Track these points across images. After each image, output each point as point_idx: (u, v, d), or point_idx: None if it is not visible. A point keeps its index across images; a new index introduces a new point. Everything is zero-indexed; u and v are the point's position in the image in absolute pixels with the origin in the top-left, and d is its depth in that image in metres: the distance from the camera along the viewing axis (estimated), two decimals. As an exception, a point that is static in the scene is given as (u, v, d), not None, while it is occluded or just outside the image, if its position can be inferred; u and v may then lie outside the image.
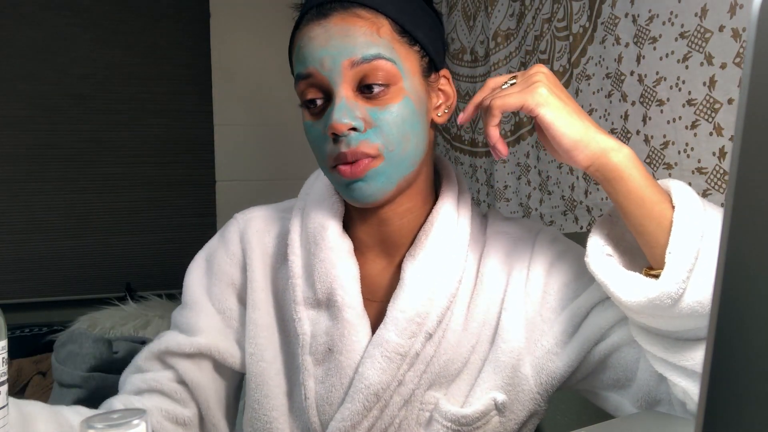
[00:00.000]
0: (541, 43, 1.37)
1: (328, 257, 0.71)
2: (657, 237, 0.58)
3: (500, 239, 0.76)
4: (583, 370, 0.72)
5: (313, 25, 0.67)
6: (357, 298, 0.71)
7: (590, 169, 0.61)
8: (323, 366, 0.71)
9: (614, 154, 0.59)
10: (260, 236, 0.79)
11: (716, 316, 0.27)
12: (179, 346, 0.74)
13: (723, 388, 0.27)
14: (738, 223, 0.27)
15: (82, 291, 2.40)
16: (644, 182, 0.59)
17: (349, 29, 0.65)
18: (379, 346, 0.68)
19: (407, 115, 0.67)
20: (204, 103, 2.49)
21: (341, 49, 0.65)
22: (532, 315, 0.72)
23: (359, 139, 0.65)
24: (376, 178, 0.66)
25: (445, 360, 0.71)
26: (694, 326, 0.59)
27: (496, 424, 0.72)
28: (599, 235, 0.64)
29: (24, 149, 2.33)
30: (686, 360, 0.60)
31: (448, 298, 0.70)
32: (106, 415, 0.43)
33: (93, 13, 2.39)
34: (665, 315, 0.58)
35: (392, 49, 0.66)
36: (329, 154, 0.67)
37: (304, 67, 0.67)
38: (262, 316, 0.75)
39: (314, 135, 0.69)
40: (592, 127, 0.61)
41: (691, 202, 0.58)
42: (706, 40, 0.85)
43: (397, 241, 0.74)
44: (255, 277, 0.76)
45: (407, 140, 0.67)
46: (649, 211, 0.58)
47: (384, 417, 0.69)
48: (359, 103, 0.66)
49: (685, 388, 0.62)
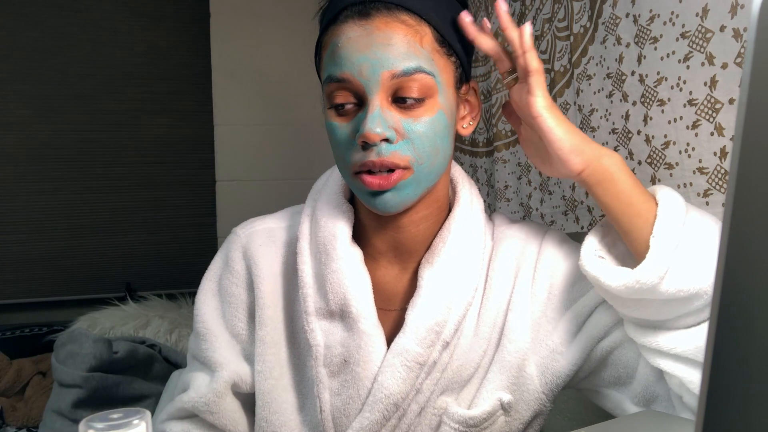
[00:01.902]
0: (541, 43, 1.37)
1: (339, 267, 0.69)
2: (644, 231, 0.62)
3: (507, 242, 0.76)
4: (586, 368, 0.72)
5: (353, 24, 0.64)
6: (371, 308, 0.69)
7: (583, 173, 0.65)
8: (339, 378, 0.70)
9: (606, 158, 0.64)
10: (265, 250, 0.76)
11: (716, 315, 0.27)
12: (206, 405, 0.73)
13: (723, 388, 0.27)
14: (738, 223, 0.27)
15: (82, 291, 2.40)
16: (632, 183, 0.64)
17: (392, 37, 0.62)
18: (400, 355, 0.67)
19: (440, 129, 0.65)
20: (204, 103, 2.49)
21: (382, 58, 0.62)
22: (538, 315, 0.72)
23: (390, 150, 0.63)
24: (403, 189, 0.65)
25: (457, 366, 0.71)
26: (683, 312, 0.62)
27: (502, 424, 0.72)
28: (593, 240, 0.68)
29: (24, 149, 2.33)
30: (679, 347, 0.62)
31: (465, 306, 0.70)
32: (106, 415, 0.43)
33: (93, 13, 2.39)
34: (650, 297, 0.61)
35: (432, 61, 0.64)
36: (355, 160, 0.65)
37: (340, 71, 0.64)
38: (269, 333, 0.74)
39: (340, 138, 0.66)
40: (585, 138, 0.65)
41: (674, 200, 0.63)
42: (707, 40, 0.85)
43: (411, 248, 0.73)
44: (262, 293, 0.74)
45: (437, 154, 0.66)
46: (638, 209, 0.63)
47: (401, 425, 0.69)
48: (393, 112, 0.64)
49: (681, 378, 0.63)
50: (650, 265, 0.60)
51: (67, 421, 1.27)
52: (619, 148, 1.08)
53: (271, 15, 2.53)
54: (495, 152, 1.57)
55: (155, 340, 1.60)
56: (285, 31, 2.54)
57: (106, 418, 0.42)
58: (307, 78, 2.55)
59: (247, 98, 2.52)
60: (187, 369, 0.80)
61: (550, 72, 1.33)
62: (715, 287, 0.27)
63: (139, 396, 1.35)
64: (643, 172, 1.02)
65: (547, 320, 0.72)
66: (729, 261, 0.27)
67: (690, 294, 0.60)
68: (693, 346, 0.62)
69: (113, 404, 1.27)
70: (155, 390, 1.37)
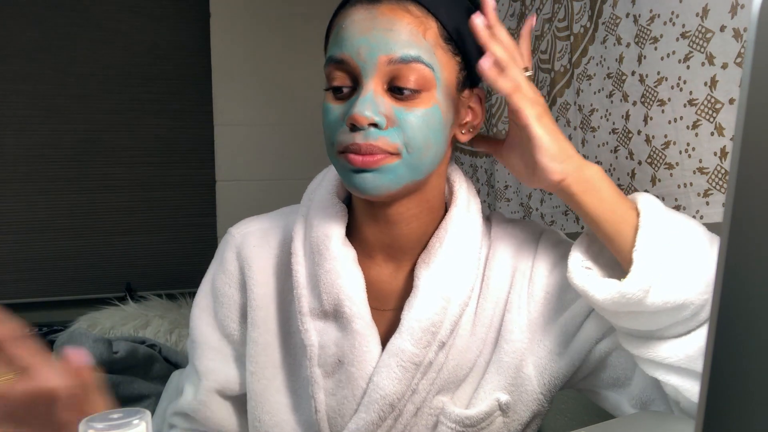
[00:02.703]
0: (542, 43, 1.37)
1: (333, 267, 0.69)
2: (628, 238, 0.62)
3: (504, 242, 0.75)
4: (585, 369, 0.72)
5: (360, 7, 0.64)
6: (365, 307, 0.69)
7: (563, 182, 0.64)
8: (333, 378, 0.70)
9: (587, 169, 0.64)
10: (259, 251, 0.76)
11: (716, 315, 0.27)
12: (194, 412, 0.77)
13: (723, 388, 0.27)
14: (738, 223, 0.27)
15: (82, 291, 2.40)
16: (614, 192, 0.64)
17: (395, 23, 0.62)
18: (395, 355, 0.67)
19: (433, 122, 0.64)
20: (204, 103, 2.49)
21: (381, 42, 0.62)
22: (535, 316, 0.72)
23: (378, 135, 0.62)
24: (386, 173, 0.63)
25: (453, 366, 0.71)
26: (672, 321, 0.61)
27: (500, 425, 0.72)
28: (578, 254, 0.67)
29: (24, 149, 2.33)
30: (671, 357, 0.62)
31: (461, 307, 0.69)
32: (106, 415, 0.43)
33: (93, 13, 2.39)
34: (638, 310, 0.61)
35: (433, 54, 0.64)
36: (341, 140, 0.64)
37: (339, 51, 0.64)
38: (262, 334, 0.74)
39: (331, 119, 0.66)
40: (571, 148, 0.65)
41: (654, 207, 0.63)
42: (708, 40, 0.85)
43: (404, 246, 0.73)
44: (254, 295, 0.74)
45: (428, 147, 0.65)
46: (621, 216, 0.63)
47: (397, 426, 0.69)
48: (386, 99, 0.63)
49: (676, 386, 0.63)
50: (634, 279, 0.60)
51: (67, 421, 1.26)
52: (619, 148, 1.08)
53: (271, 15, 2.53)
54: (495, 152, 1.57)
55: (155, 340, 1.60)
56: (285, 31, 2.54)
57: (106, 418, 0.42)
58: (307, 78, 2.55)
59: (247, 98, 2.52)
60: (186, 370, 0.82)
61: (550, 72, 1.33)
62: (715, 287, 0.27)
63: (139, 396, 1.35)
64: (643, 172, 1.02)
65: (544, 321, 0.72)
66: (729, 261, 0.27)
67: (677, 305, 0.60)
68: (684, 355, 0.62)
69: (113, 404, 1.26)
70: (155, 390, 1.38)
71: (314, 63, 2.59)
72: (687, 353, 0.62)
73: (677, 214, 0.65)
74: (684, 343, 0.62)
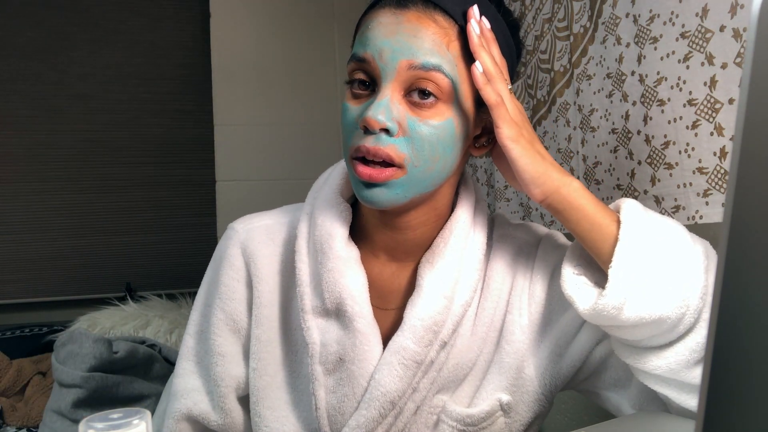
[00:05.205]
0: (541, 43, 1.37)
1: (336, 266, 0.69)
2: (608, 252, 0.63)
3: (506, 243, 0.76)
4: (586, 370, 0.72)
5: (388, 11, 0.64)
6: (367, 307, 0.69)
7: (544, 202, 0.66)
8: (334, 375, 0.70)
9: (565, 189, 0.64)
10: (264, 248, 0.76)
11: (716, 316, 0.27)
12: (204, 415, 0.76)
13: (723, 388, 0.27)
14: (738, 223, 0.27)
15: (82, 291, 2.40)
16: (593, 208, 0.64)
17: (420, 30, 0.62)
18: (397, 353, 0.67)
19: (445, 137, 0.64)
20: (204, 103, 2.49)
21: (404, 47, 0.62)
22: (536, 318, 0.72)
23: (388, 142, 0.63)
24: (393, 188, 0.64)
25: (454, 365, 0.71)
26: (653, 333, 0.62)
27: (502, 426, 0.72)
28: (570, 259, 0.68)
29: (24, 149, 2.33)
30: (657, 369, 0.63)
31: (463, 307, 0.70)
32: (106, 415, 0.43)
33: (93, 13, 2.39)
34: (616, 324, 0.62)
35: (455, 66, 0.64)
36: (354, 143, 0.65)
37: (363, 51, 0.64)
38: (265, 332, 0.74)
39: (348, 120, 0.66)
40: (550, 167, 0.65)
41: (636, 218, 0.63)
42: (707, 40, 0.85)
43: (410, 249, 0.73)
44: (259, 293, 0.74)
45: (435, 161, 0.64)
46: (600, 233, 0.63)
47: (397, 424, 0.69)
48: (402, 107, 0.63)
49: (665, 395, 0.65)
50: (609, 294, 0.61)
51: (67, 421, 1.27)
52: (618, 148, 1.08)
53: (270, 15, 2.53)
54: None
55: (155, 340, 1.60)
56: (285, 31, 2.54)
57: (106, 418, 0.42)
58: (307, 78, 2.55)
59: (247, 98, 2.52)
60: (180, 370, 0.80)
61: (550, 72, 1.33)
62: (716, 287, 0.27)
63: (139, 396, 1.35)
64: (642, 172, 1.02)
65: (545, 323, 0.72)
66: (729, 261, 0.27)
67: (652, 320, 0.60)
68: (666, 367, 0.63)
69: (113, 404, 1.27)
70: (155, 390, 1.38)
71: (314, 63, 2.60)
72: (669, 366, 0.63)
73: (660, 221, 0.64)
74: (666, 355, 0.63)
